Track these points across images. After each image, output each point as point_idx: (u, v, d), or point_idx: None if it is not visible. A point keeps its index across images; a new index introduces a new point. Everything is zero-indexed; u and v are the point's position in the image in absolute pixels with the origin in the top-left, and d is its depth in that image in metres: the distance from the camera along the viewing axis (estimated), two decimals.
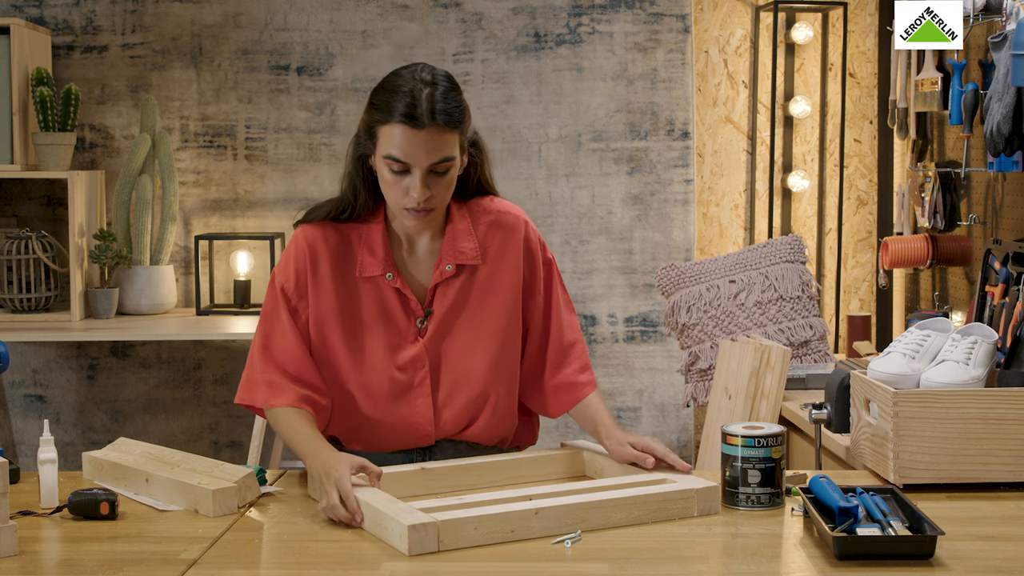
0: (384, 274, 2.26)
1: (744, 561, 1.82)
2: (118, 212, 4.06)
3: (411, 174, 2.14)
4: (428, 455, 2.35)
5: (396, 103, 2.12)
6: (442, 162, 2.14)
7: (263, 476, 2.26)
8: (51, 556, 1.90)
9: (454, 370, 2.28)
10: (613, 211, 4.20)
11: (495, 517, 1.91)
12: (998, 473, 2.18)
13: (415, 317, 2.28)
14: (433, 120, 2.11)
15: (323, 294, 2.27)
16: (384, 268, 2.26)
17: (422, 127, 2.10)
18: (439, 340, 2.28)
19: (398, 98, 2.12)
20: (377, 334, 2.27)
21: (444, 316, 2.28)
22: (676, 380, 4.20)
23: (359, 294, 2.27)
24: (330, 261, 2.27)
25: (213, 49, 4.20)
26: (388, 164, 2.15)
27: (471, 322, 2.29)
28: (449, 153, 2.15)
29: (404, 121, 2.10)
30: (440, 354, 2.28)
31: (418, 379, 2.28)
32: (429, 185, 2.15)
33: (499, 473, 2.26)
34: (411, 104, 2.10)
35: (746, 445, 2.07)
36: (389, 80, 2.17)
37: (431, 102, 2.11)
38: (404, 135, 2.11)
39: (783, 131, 4.32)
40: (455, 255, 2.28)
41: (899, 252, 3.77)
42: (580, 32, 4.17)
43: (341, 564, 1.84)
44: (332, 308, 2.27)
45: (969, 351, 2.28)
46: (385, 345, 2.27)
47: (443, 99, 2.13)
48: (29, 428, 4.27)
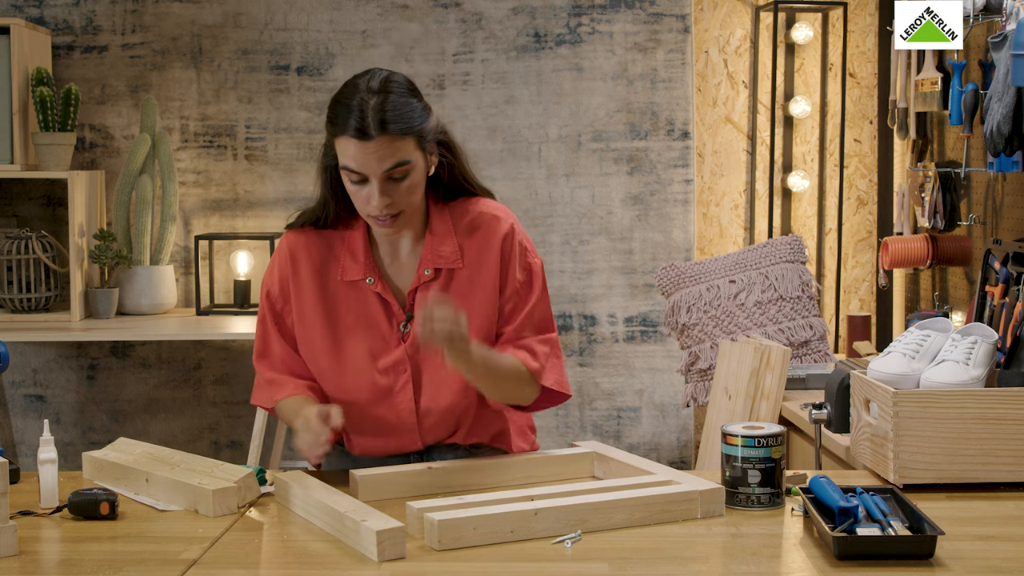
0: (365, 278, 2.27)
1: (744, 561, 1.82)
2: (118, 212, 4.06)
3: (368, 183, 2.15)
4: (426, 457, 2.34)
5: (344, 116, 2.13)
6: (396, 167, 2.14)
7: (263, 476, 2.26)
8: (51, 556, 1.90)
9: (436, 373, 2.27)
10: (613, 211, 4.20)
11: (494, 517, 1.91)
12: (998, 473, 2.18)
13: (397, 321, 2.28)
14: (382, 130, 2.11)
15: (305, 299, 2.29)
16: (365, 273, 2.27)
17: (370, 138, 2.11)
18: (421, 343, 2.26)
19: (346, 111, 2.13)
20: (359, 339, 2.27)
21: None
22: (676, 380, 4.20)
23: (341, 299, 2.28)
24: (312, 266, 2.29)
25: (213, 49, 4.20)
26: (347, 175, 2.17)
27: None
28: (402, 158, 2.14)
29: (353, 135, 2.12)
30: (423, 358, 2.27)
31: (400, 383, 2.27)
32: (388, 192, 2.16)
33: (508, 473, 2.26)
34: (359, 117, 2.11)
35: (746, 445, 2.07)
36: (341, 92, 2.18)
37: (378, 112, 2.12)
38: (354, 147, 2.12)
39: (783, 131, 4.32)
40: (434, 259, 2.27)
41: (899, 252, 3.77)
42: (580, 32, 4.17)
43: (341, 564, 1.84)
44: (314, 313, 2.28)
45: (969, 351, 2.28)
46: (367, 350, 2.27)
47: (392, 108, 2.13)
48: (29, 428, 4.27)
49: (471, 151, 4.16)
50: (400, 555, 1.84)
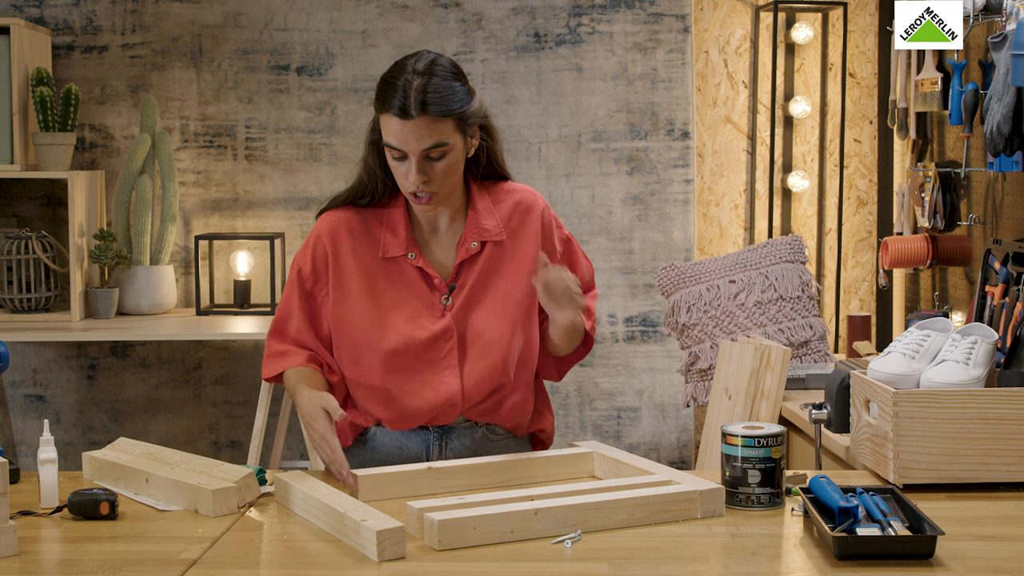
0: (406, 254, 2.33)
1: (744, 561, 1.82)
2: (118, 212, 4.06)
3: (408, 160, 2.22)
4: (444, 438, 2.37)
5: (389, 95, 2.21)
6: (435, 148, 2.22)
7: (263, 476, 2.26)
8: (51, 556, 1.90)
9: (480, 340, 2.33)
10: (613, 211, 4.20)
11: (494, 517, 1.91)
12: (998, 473, 2.18)
13: (440, 294, 2.34)
14: (422, 111, 2.19)
15: (346, 275, 2.34)
16: (407, 248, 2.34)
17: (411, 118, 2.19)
18: (466, 313, 2.34)
19: (391, 90, 2.21)
20: (403, 310, 2.33)
21: (470, 290, 2.34)
22: (676, 380, 4.20)
23: (383, 274, 2.34)
24: (352, 244, 2.35)
25: (213, 49, 4.20)
26: (388, 151, 2.25)
27: (496, 294, 2.34)
28: (441, 139, 2.21)
29: (396, 113, 2.20)
30: (467, 326, 2.34)
31: (446, 350, 2.33)
32: (425, 171, 2.23)
33: (508, 473, 2.26)
34: (402, 96, 2.19)
35: (746, 445, 2.07)
36: (389, 71, 2.26)
37: (421, 93, 2.19)
38: (396, 125, 2.20)
39: (783, 131, 4.32)
40: (479, 232, 2.35)
41: (899, 252, 3.77)
42: (580, 32, 4.17)
43: (341, 564, 1.84)
44: (357, 288, 2.34)
45: (969, 351, 2.28)
46: (411, 319, 2.32)
47: (434, 90, 2.20)
48: (29, 428, 4.27)
49: None
50: (400, 555, 1.84)
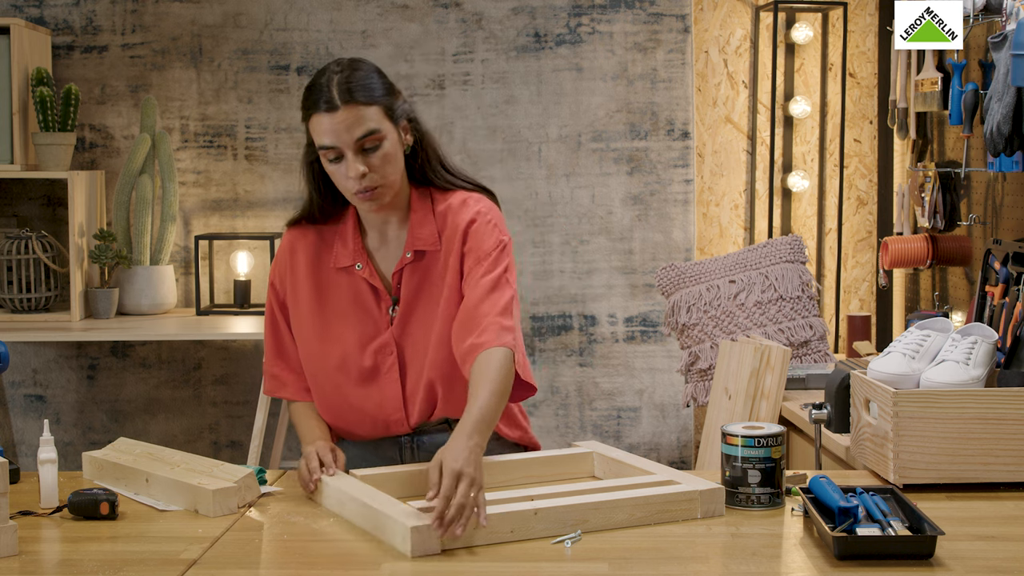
0: (354, 264, 2.35)
1: (744, 561, 1.82)
2: (118, 212, 4.06)
3: (345, 157, 2.22)
4: (415, 441, 2.38)
5: (314, 96, 2.23)
6: (367, 136, 2.21)
7: (263, 476, 2.26)
8: (51, 556, 1.90)
9: (418, 353, 2.33)
10: (613, 211, 4.20)
11: (494, 517, 1.91)
12: (998, 473, 2.18)
13: (385, 305, 2.35)
14: (348, 98, 2.20)
15: (300, 287, 2.38)
16: (354, 259, 2.35)
17: (337, 109, 2.20)
18: (403, 326, 2.34)
19: (314, 92, 2.23)
20: (349, 324, 2.35)
21: (408, 302, 2.34)
22: (676, 380, 4.20)
23: (334, 286, 2.37)
24: (307, 258, 2.38)
25: (213, 49, 4.20)
26: (324, 155, 2.24)
27: (429, 307, 2.33)
28: (371, 127, 2.21)
29: (322, 109, 2.20)
30: (406, 339, 2.34)
31: (387, 366, 2.33)
32: (363, 163, 2.22)
33: (508, 473, 2.26)
34: (326, 91, 2.21)
35: (746, 445, 2.07)
36: (311, 79, 2.28)
37: (343, 84, 2.21)
38: (325, 121, 2.20)
39: (783, 131, 4.32)
40: (414, 241, 2.34)
41: (899, 252, 3.77)
42: (580, 32, 4.17)
43: (341, 564, 1.84)
44: (309, 302, 2.37)
45: (969, 351, 2.28)
46: (357, 334, 2.34)
47: (355, 80, 2.22)
48: (29, 428, 4.27)
49: (471, 151, 4.19)
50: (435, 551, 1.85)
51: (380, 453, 2.39)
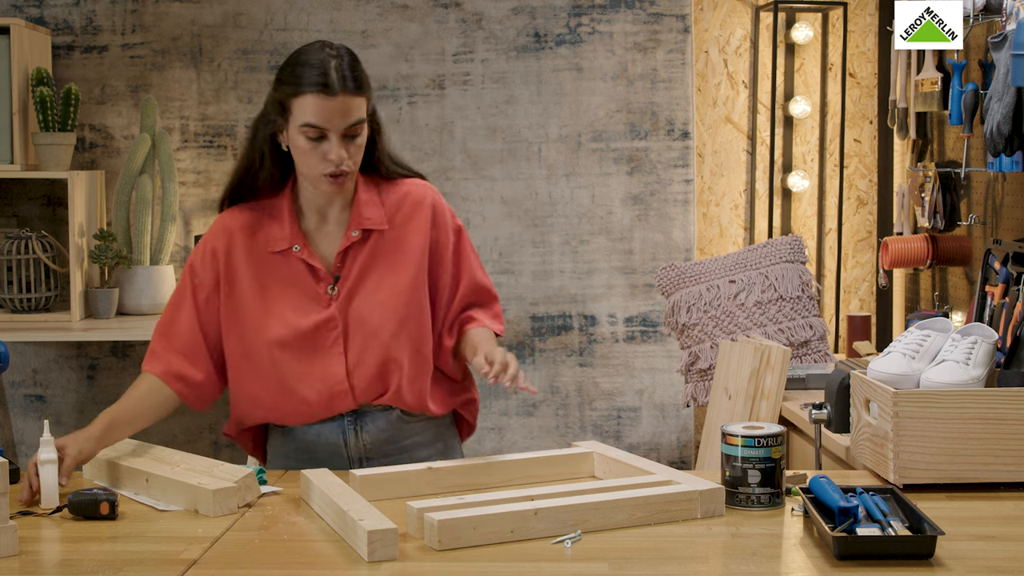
0: (291, 247, 2.38)
1: (744, 561, 1.82)
2: (118, 212, 4.06)
3: (328, 139, 2.28)
4: (359, 423, 2.40)
5: (308, 75, 2.27)
6: (355, 124, 2.30)
7: (263, 476, 2.26)
8: (51, 556, 1.90)
9: (364, 329, 2.37)
10: (613, 211, 4.20)
11: (494, 517, 1.91)
12: (998, 473, 2.18)
13: (325, 284, 2.39)
14: (344, 86, 2.26)
15: (236, 270, 2.40)
16: (291, 241, 2.39)
17: (334, 94, 2.26)
18: (349, 302, 2.38)
19: (309, 70, 2.28)
20: (288, 302, 2.38)
21: (354, 279, 2.39)
22: (676, 380, 4.20)
23: (270, 267, 2.40)
24: (243, 241, 2.42)
25: (213, 49, 4.20)
26: (305, 132, 2.29)
27: (378, 284, 2.39)
28: (360, 116, 2.30)
29: (318, 90, 2.25)
30: (350, 315, 2.38)
31: (331, 340, 2.37)
32: (345, 148, 2.29)
33: (508, 473, 2.26)
34: (322, 74, 2.26)
35: (746, 445, 2.07)
36: (296, 56, 2.33)
37: (340, 71, 2.27)
38: (319, 103, 2.26)
39: (783, 131, 4.32)
40: (361, 221, 2.39)
41: (899, 252, 3.77)
42: (580, 32, 4.17)
43: (341, 564, 1.84)
44: (246, 283, 2.39)
45: (969, 351, 2.28)
46: (297, 310, 2.37)
47: (352, 68, 2.30)
48: (29, 428, 4.27)
49: (471, 151, 4.19)
50: (392, 557, 1.83)
51: (323, 439, 2.41)
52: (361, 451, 2.41)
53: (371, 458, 2.41)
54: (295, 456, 2.43)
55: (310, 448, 2.41)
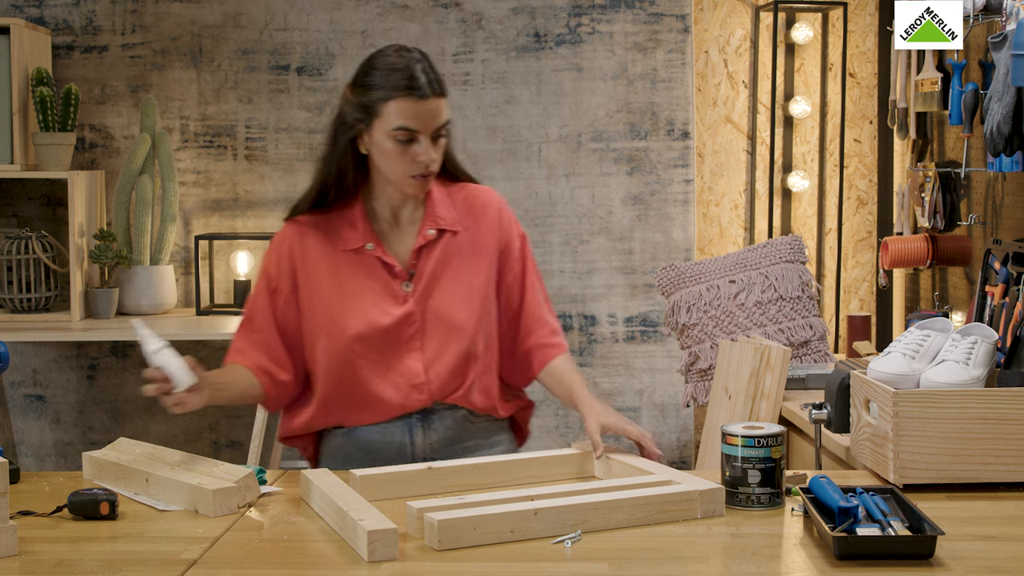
0: (364, 244, 2.41)
1: (744, 561, 1.82)
2: (118, 212, 4.06)
3: (418, 142, 2.32)
4: (426, 421, 2.41)
5: (397, 80, 2.30)
6: (443, 126, 2.35)
7: (263, 476, 2.26)
8: (51, 556, 1.89)
9: (442, 324, 2.40)
10: (613, 211, 4.20)
11: (494, 517, 1.91)
12: (998, 473, 2.18)
13: (400, 281, 2.41)
14: (432, 89, 2.31)
15: (312, 271, 2.43)
16: (364, 239, 2.41)
17: (427, 97, 2.30)
18: (426, 298, 2.41)
19: (397, 75, 2.31)
20: (367, 297, 2.40)
21: (430, 276, 2.42)
22: (676, 380, 4.20)
23: (347, 266, 2.42)
24: (316, 240, 2.44)
25: (213, 49, 4.20)
26: (395, 136, 2.31)
27: (455, 280, 2.43)
28: (447, 117, 2.36)
29: (409, 94, 2.29)
30: (428, 310, 2.41)
31: (408, 334, 2.39)
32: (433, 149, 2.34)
33: (509, 473, 2.26)
34: (411, 77, 2.30)
35: (746, 445, 2.07)
36: (378, 61, 2.35)
37: (426, 73, 2.32)
38: (411, 106, 2.29)
39: (783, 131, 4.32)
40: (436, 221, 2.44)
41: (899, 252, 3.77)
42: (580, 32, 4.17)
43: (341, 564, 1.84)
44: (323, 280, 2.42)
45: (969, 351, 2.28)
46: (375, 306, 2.40)
47: (433, 71, 2.34)
48: (29, 428, 4.27)
49: (471, 151, 4.19)
50: (392, 557, 1.83)
51: (389, 438, 2.41)
52: (427, 451, 2.42)
53: (436, 459, 2.39)
54: (356, 458, 2.43)
55: (374, 449, 2.42)
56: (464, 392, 2.42)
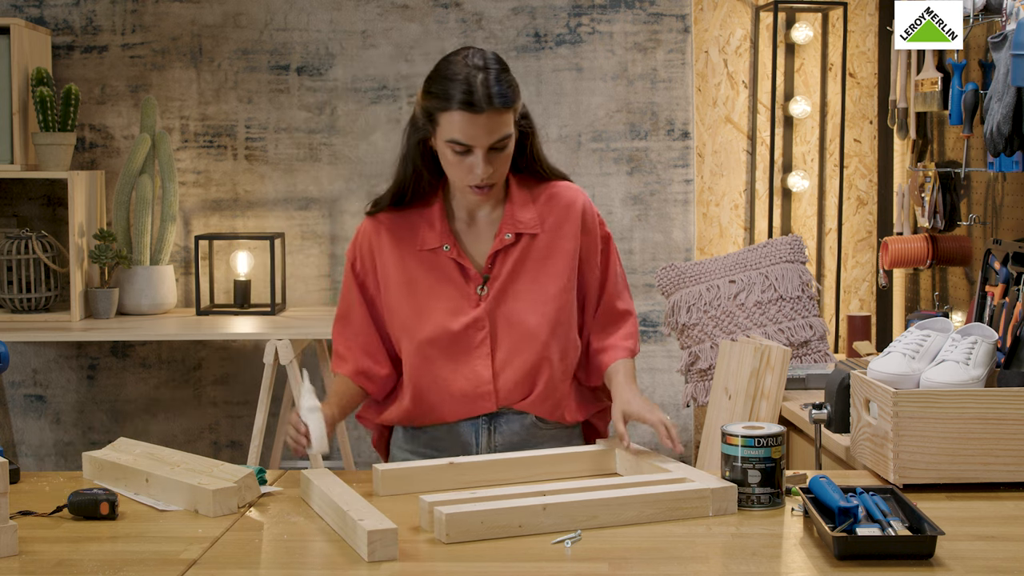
0: (441, 246, 2.38)
1: (744, 561, 1.82)
2: (118, 212, 4.06)
3: (473, 154, 2.27)
4: (494, 426, 2.40)
5: (453, 91, 2.25)
6: (501, 140, 2.28)
7: (263, 476, 2.26)
8: (51, 556, 1.89)
9: (514, 331, 2.37)
10: (613, 211, 4.20)
11: (502, 512, 1.91)
12: (998, 473, 2.18)
13: (475, 284, 2.39)
14: (490, 104, 2.24)
15: (388, 267, 2.41)
16: (441, 240, 2.38)
17: (480, 111, 2.24)
18: (499, 303, 2.38)
19: (455, 86, 2.26)
20: (439, 299, 2.38)
21: (504, 281, 2.39)
22: (676, 380, 4.20)
23: (422, 266, 2.40)
24: (392, 239, 2.42)
25: (213, 49, 4.20)
26: (451, 147, 2.28)
27: (530, 286, 2.39)
28: (506, 131, 2.28)
29: (464, 108, 2.24)
30: (499, 316, 2.38)
31: (478, 339, 2.37)
32: (491, 162, 2.29)
33: (529, 469, 2.26)
34: (468, 91, 2.24)
35: (746, 445, 2.07)
36: (443, 68, 2.31)
37: (486, 87, 2.25)
38: (465, 120, 2.24)
39: (783, 131, 4.32)
40: (514, 224, 2.40)
41: (899, 252, 3.77)
42: (580, 32, 4.17)
43: (341, 564, 1.84)
44: (397, 279, 2.40)
45: (969, 351, 2.28)
46: (447, 309, 2.38)
47: (496, 82, 2.27)
48: (29, 428, 4.27)
49: None
50: (391, 557, 1.83)
51: (455, 437, 2.41)
52: (491, 453, 2.40)
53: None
54: (421, 454, 2.44)
55: (439, 447, 2.42)
56: (533, 400, 2.39)
